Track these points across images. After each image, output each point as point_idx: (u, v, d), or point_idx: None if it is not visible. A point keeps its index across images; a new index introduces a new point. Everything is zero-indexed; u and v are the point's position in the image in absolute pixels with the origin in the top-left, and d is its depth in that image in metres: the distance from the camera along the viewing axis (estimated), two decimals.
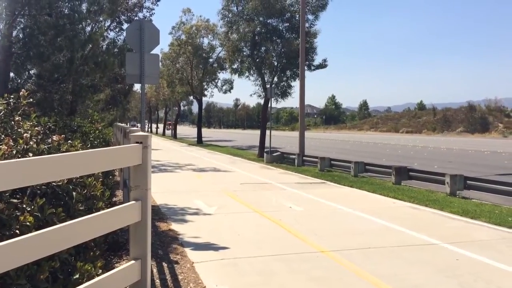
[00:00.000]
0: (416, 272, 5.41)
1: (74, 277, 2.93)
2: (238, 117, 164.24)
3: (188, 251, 6.05)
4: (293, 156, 20.16)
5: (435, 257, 6.04)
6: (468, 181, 11.36)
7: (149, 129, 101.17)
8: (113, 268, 3.75)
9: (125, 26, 19.38)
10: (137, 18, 20.27)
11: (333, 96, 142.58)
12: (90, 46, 13.50)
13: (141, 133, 3.85)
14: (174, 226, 7.46)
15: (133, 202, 3.20)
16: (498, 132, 67.92)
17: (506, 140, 56.18)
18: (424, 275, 5.29)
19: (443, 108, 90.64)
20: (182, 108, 79.56)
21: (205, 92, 42.30)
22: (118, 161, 3.12)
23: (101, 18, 15.23)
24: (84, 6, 13.48)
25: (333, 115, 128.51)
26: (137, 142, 3.26)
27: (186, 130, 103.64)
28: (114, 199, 8.55)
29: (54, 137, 3.93)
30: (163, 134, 71.49)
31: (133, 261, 3.12)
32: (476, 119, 73.22)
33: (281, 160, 20.80)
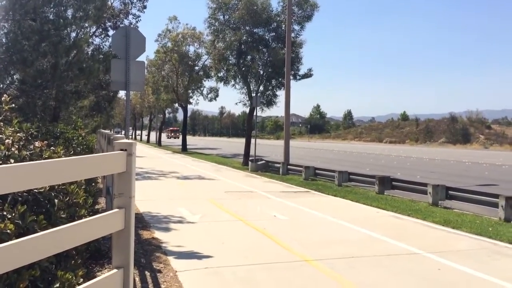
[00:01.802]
0: (398, 281, 5.45)
1: (55, 286, 2.88)
2: (223, 125, 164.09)
3: (171, 259, 6.00)
4: (278, 165, 20.20)
5: (417, 266, 6.09)
6: (450, 191, 11.51)
7: (134, 136, 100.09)
8: (95, 277, 3.69)
9: (111, 32, 19.31)
10: (123, 24, 20.20)
11: (318, 106, 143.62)
12: (75, 52, 13.39)
13: (125, 140, 3.82)
14: (158, 234, 7.40)
15: (116, 210, 3.16)
16: (479, 143, 69.17)
17: (487, 151, 57.22)
18: (406, 285, 5.34)
19: (425, 119, 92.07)
20: (167, 115, 79.17)
21: (191, 100, 42.20)
22: (102, 168, 3.09)
23: (86, 24, 15.12)
24: (69, 12, 13.38)
25: (317, 125, 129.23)
26: (121, 149, 3.23)
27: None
28: (97, 206, 8.44)
29: (37, 144, 3.88)
30: (148, 141, 70.95)
31: (115, 270, 3.08)
32: (458, 130, 74.49)
33: (266, 168, 20.82)
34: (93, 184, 8.61)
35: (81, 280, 3.06)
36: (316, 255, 6.40)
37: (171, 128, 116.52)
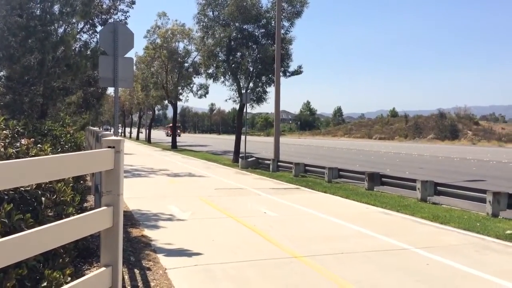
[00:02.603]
0: (387, 276, 5.49)
1: (42, 285, 2.85)
2: (213, 122, 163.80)
3: (161, 257, 5.97)
4: (268, 162, 20.21)
5: (406, 261, 6.14)
6: (438, 187, 11.61)
7: (123, 133, 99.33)
8: (84, 275, 3.66)
9: (99, 28, 19.09)
10: (111, 20, 20.00)
11: (308, 102, 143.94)
12: (62, 48, 13.24)
13: (113, 137, 3.79)
14: (147, 232, 7.36)
15: (105, 207, 3.14)
16: (467, 139, 69.87)
17: (475, 147, 57.84)
18: (396, 280, 5.38)
19: (414, 115, 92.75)
20: (156, 112, 78.76)
21: (180, 97, 42.03)
22: (89, 166, 3.06)
23: (73, 20, 14.94)
24: (56, 8, 13.22)
25: (308, 121, 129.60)
26: (109, 147, 3.20)
27: (161, 134, 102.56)
28: (85, 204, 8.37)
29: (23, 141, 3.83)
30: (137, 138, 70.58)
31: (103, 268, 3.06)
32: (446, 126, 75.15)
33: (256, 165, 20.83)
34: (81, 182, 8.55)
35: (69, 278, 3.04)
36: (306, 252, 6.42)
37: (171, 125, 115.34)
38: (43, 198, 3.39)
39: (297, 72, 24.88)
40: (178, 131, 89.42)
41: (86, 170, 3.34)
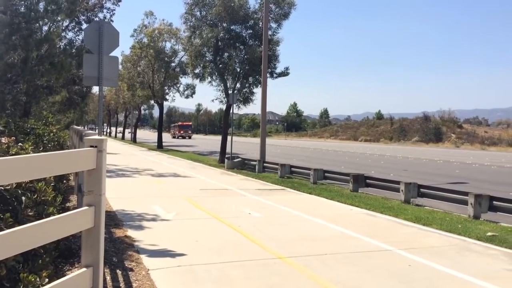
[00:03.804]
0: (370, 278, 5.53)
1: None
2: (200, 122, 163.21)
3: (144, 258, 5.93)
4: (254, 163, 20.22)
5: (389, 263, 6.20)
6: (421, 189, 11.75)
7: (108, 133, 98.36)
8: (65, 276, 3.62)
9: (84, 26, 18.90)
10: (97, 18, 19.82)
11: (295, 104, 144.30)
12: (47, 46, 13.07)
13: (96, 136, 3.75)
14: (130, 233, 7.30)
15: (86, 207, 3.12)
16: (451, 142, 70.82)
17: (458, 150, 58.65)
18: (378, 281, 5.42)
19: (400, 118, 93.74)
20: (142, 112, 78.24)
21: (167, 97, 41.80)
22: (70, 165, 3.03)
23: (59, 18, 14.77)
24: (41, 5, 13.05)
25: (294, 123, 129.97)
26: (91, 146, 3.18)
27: (147, 134, 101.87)
28: (68, 204, 8.28)
29: (3, 139, 3.78)
30: (122, 138, 69.99)
31: (84, 269, 3.03)
32: (431, 129, 76.07)
33: (242, 166, 20.82)
34: (64, 181, 8.45)
35: (46, 280, 2.99)
36: (290, 253, 6.44)
37: (179, 123, 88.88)
38: (23, 198, 3.34)
39: (284, 73, 24.93)
40: (189, 131, 79.86)
41: (68, 169, 3.31)
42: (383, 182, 13.48)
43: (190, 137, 77.60)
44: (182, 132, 79.71)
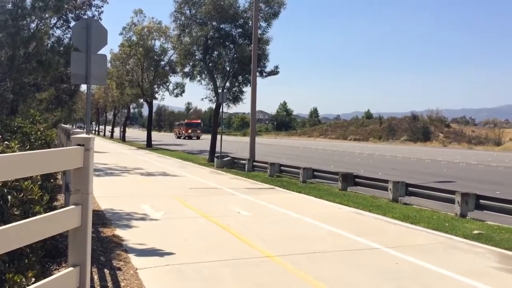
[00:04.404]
0: (358, 276, 5.57)
1: None
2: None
3: (132, 257, 5.90)
4: (244, 161, 20.22)
5: (376, 261, 6.25)
6: (409, 188, 11.85)
7: (97, 131, 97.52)
8: (52, 275, 3.59)
9: (72, 24, 18.74)
10: (85, 16, 19.66)
11: (285, 103, 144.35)
12: (34, 43, 12.91)
13: (83, 135, 3.73)
14: (119, 232, 7.26)
15: (73, 206, 3.09)
16: (438, 141, 71.48)
17: (445, 149, 59.23)
18: (366, 279, 5.46)
19: (388, 117, 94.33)
20: (132, 110, 77.72)
21: (156, 95, 41.61)
22: (57, 164, 3.00)
23: (46, 15, 14.60)
24: (28, 2, 12.88)
25: (284, 122, 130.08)
26: (78, 145, 3.16)
27: (136, 133, 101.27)
28: (56, 203, 8.20)
29: None
30: (111, 137, 69.49)
31: (71, 268, 3.01)
32: (419, 128, 76.68)
33: (231, 165, 20.81)
34: (51, 180, 8.37)
35: (33, 280, 2.97)
36: (279, 251, 6.46)
37: (186, 121, 75.92)
38: (9, 196, 3.31)
39: (274, 72, 24.96)
40: (198, 131, 69.31)
41: (54, 168, 3.28)
42: (372, 181, 13.57)
43: (198, 137, 66.52)
44: (189, 131, 68.66)
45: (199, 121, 79.97)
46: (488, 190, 13.70)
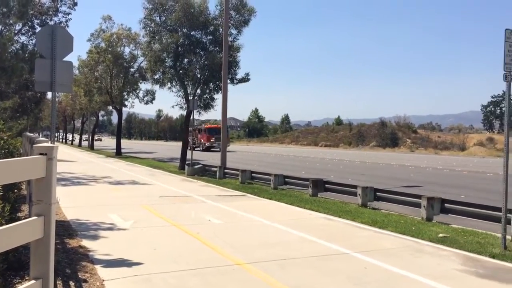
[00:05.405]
0: (328, 281, 5.62)
1: None
2: (161, 129, 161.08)
3: (98, 268, 5.77)
4: (215, 169, 20.14)
5: (346, 266, 6.32)
6: (377, 193, 12.07)
7: (64, 140, 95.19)
8: None
9: (38, 30, 18.31)
10: (52, 22, 19.25)
11: (256, 110, 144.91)
12: None
13: (46, 143, 3.64)
14: (85, 243, 7.09)
15: (35, 217, 3.02)
16: (406, 147, 73.19)
17: (413, 154, 60.64)
18: (335, 284, 5.52)
19: (358, 123, 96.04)
20: (100, 118, 76.31)
21: (126, 102, 41.05)
22: (18, 173, 2.92)
23: (11, 21, 14.22)
24: None
25: (256, 128, 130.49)
26: (41, 154, 3.09)
27: (105, 141, 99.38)
28: (20, 214, 7.95)
29: None
30: (79, 145, 68.00)
31: (33, 281, 2.93)
32: (387, 134, 78.37)
33: (202, 172, 20.68)
34: (15, 190, 8.11)
35: None
36: (249, 259, 6.45)
37: (207, 126, 55.50)
38: None
39: (245, 79, 25.05)
40: (215, 139, 49.74)
41: (14, 178, 3.18)
42: (341, 186, 13.75)
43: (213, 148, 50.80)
44: (212, 140, 51.00)
45: (217, 126, 57.52)
46: (453, 194, 14.12)
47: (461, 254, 7.16)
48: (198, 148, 50.71)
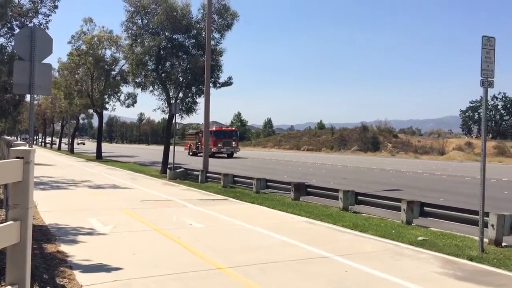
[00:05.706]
0: (309, 284, 5.64)
1: None
2: (143, 132, 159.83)
3: (77, 273, 5.68)
4: (197, 173, 20.06)
5: (327, 269, 6.36)
6: (358, 197, 12.17)
7: (43, 143, 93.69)
8: None
9: (17, 31, 17.99)
10: (32, 24, 18.94)
11: (239, 114, 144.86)
12: None
13: (23, 147, 3.58)
14: (64, 248, 6.98)
15: (11, 222, 2.97)
16: (387, 151, 74.06)
17: (394, 158, 61.38)
18: (316, 287, 5.54)
19: (340, 128, 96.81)
20: (81, 121, 75.31)
21: (107, 106, 40.62)
22: None
23: None
24: None
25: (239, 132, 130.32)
26: (17, 157, 3.04)
27: (87, 144, 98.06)
28: None
29: None
30: (59, 149, 66.94)
31: (9, 287, 2.89)
32: (369, 138, 79.18)
33: (184, 176, 20.57)
34: None
35: None
36: (230, 263, 6.43)
37: (216, 129, 48.70)
38: None
39: (227, 83, 25.03)
40: (234, 143, 48.22)
41: None
42: (323, 190, 13.83)
43: (231, 155, 47.08)
44: (219, 144, 46.05)
45: (234, 128, 55.86)
46: (433, 197, 14.32)
47: (440, 257, 7.27)
48: (202, 154, 43.69)
